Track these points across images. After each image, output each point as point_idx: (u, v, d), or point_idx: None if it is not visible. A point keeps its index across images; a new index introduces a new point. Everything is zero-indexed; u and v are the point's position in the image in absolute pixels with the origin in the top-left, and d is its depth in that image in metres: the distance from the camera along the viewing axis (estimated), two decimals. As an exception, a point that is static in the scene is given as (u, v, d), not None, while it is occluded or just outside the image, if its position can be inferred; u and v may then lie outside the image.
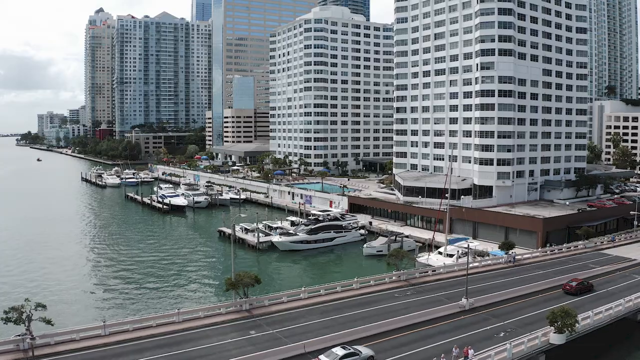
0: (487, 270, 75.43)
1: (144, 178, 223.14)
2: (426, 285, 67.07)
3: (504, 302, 61.40)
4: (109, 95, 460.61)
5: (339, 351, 44.00)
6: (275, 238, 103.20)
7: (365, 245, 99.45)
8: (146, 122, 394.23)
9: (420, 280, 68.67)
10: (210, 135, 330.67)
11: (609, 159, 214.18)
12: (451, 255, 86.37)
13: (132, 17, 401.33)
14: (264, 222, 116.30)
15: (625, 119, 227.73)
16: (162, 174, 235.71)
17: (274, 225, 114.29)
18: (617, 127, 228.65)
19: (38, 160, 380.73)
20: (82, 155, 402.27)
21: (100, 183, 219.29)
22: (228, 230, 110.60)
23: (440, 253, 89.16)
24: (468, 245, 70.65)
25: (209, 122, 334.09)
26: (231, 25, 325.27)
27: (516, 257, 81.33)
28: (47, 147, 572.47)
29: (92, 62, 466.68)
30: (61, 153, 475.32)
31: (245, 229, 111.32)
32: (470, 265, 69.77)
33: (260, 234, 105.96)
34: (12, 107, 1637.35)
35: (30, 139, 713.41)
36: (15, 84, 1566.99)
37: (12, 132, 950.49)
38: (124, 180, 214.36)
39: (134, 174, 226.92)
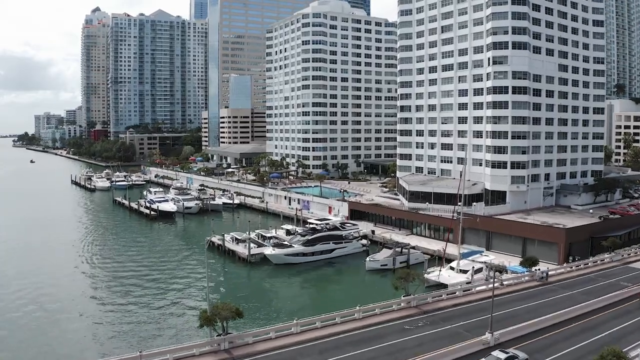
0: (511, 292, 65.17)
1: (135, 181, 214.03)
2: (441, 312, 56.94)
3: (536, 334, 51.36)
4: (104, 95, 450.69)
5: (500, 355, 45.25)
6: (268, 250, 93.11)
7: (368, 259, 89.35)
8: (141, 123, 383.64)
9: (434, 306, 58.51)
10: (206, 136, 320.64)
11: (618, 160, 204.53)
12: (465, 271, 76.65)
13: (128, 15, 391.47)
14: (257, 230, 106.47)
15: (636, 118, 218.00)
16: (155, 177, 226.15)
17: (268, 235, 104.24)
18: (627, 126, 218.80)
19: (31, 162, 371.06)
20: (77, 157, 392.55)
21: (89, 186, 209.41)
22: (218, 241, 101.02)
23: (452, 268, 79.45)
24: (495, 270, 60.64)
25: (205, 123, 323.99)
26: (227, 22, 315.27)
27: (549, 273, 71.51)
28: (42, 149, 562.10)
29: (87, 61, 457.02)
30: (56, 154, 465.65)
31: (236, 238, 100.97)
32: (491, 286, 60.05)
33: (252, 245, 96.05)
34: (12, 108, 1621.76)
35: (26, 140, 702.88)
36: (16, 85, 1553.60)
37: (12, 133, 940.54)
38: (114, 183, 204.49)
39: (125, 176, 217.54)
